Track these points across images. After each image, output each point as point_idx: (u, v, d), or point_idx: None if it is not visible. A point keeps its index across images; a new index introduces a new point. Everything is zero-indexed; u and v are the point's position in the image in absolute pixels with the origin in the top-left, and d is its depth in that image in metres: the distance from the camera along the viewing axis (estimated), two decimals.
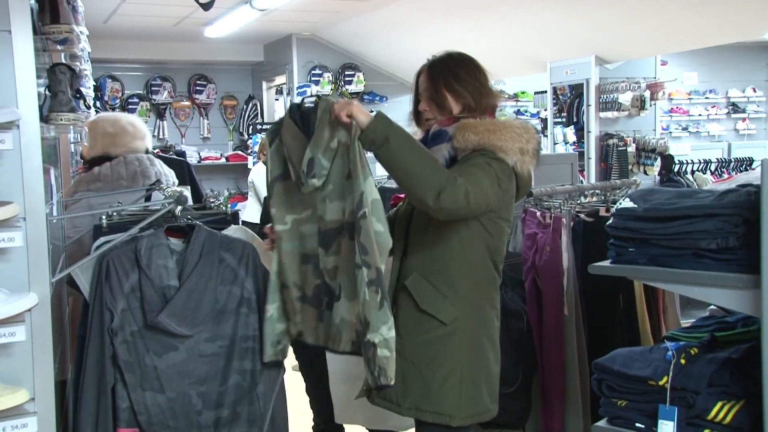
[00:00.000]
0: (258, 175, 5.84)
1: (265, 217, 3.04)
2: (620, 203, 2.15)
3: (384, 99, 8.71)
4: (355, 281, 1.93)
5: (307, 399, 3.12)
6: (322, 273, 2.04)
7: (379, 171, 4.46)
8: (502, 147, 2.03)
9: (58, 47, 2.48)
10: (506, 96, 8.96)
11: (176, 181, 3.04)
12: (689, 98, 9.92)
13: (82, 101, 2.55)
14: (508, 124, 2.09)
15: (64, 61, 2.60)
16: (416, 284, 2.09)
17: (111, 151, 2.92)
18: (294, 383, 2.74)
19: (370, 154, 1.98)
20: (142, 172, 2.88)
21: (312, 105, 2.01)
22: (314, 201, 2.03)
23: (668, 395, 1.96)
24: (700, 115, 9.95)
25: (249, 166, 8.03)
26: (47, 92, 2.22)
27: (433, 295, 2.06)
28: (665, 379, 1.97)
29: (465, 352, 2.06)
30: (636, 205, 2.05)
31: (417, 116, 2.27)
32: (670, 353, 2.02)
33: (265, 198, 2.98)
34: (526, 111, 9.27)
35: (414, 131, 2.26)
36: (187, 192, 2.90)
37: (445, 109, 2.16)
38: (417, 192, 1.91)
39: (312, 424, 3.07)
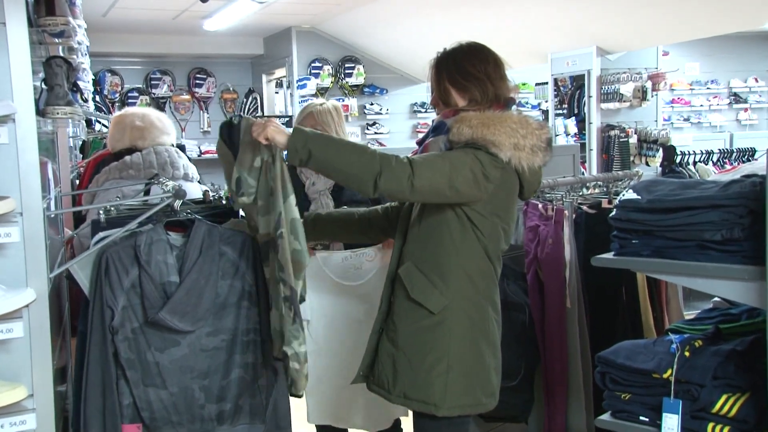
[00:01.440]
0: None
1: None
2: (623, 194, 2.14)
3: (384, 91, 8.68)
4: (277, 294, 2.02)
5: None
6: (275, 278, 2.08)
7: None
8: (494, 141, 1.99)
9: (55, 40, 2.46)
10: (517, 90, 8.92)
11: (198, 176, 3.08)
12: (691, 89, 9.87)
13: (79, 95, 2.54)
14: (505, 117, 2.04)
15: (60, 54, 2.57)
16: (408, 273, 2.10)
17: (139, 144, 2.97)
18: None
19: None
20: (172, 163, 2.93)
21: (237, 123, 2.03)
22: (252, 215, 2.09)
23: (672, 388, 1.94)
24: (701, 105, 9.91)
25: None
26: (43, 86, 2.20)
27: (423, 284, 2.06)
28: (669, 372, 1.96)
29: (453, 342, 2.05)
30: (639, 197, 2.03)
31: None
32: (674, 346, 2.01)
33: None
34: (526, 102, 9.22)
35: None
36: (198, 188, 2.89)
37: (450, 104, 2.15)
38: (358, 186, 1.95)
39: None
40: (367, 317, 2.55)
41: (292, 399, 2.24)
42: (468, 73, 2.11)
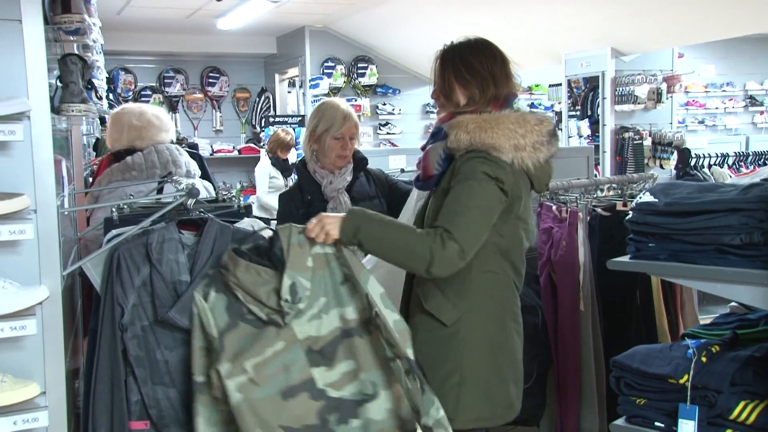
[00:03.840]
0: (258, 168, 6.36)
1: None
2: (640, 197, 2.11)
3: (397, 92, 8.66)
4: (392, 371, 1.96)
5: None
6: (324, 392, 1.96)
7: (391, 164, 4.44)
8: (494, 145, 1.93)
9: (70, 38, 2.46)
10: (521, 89, 8.87)
11: (199, 172, 3.05)
12: (706, 91, 9.78)
13: (93, 92, 2.54)
14: (502, 119, 1.97)
15: (75, 52, 2.57)
16: (423, 284, 2.06)
17: (137, 144, 2.92)
18: None
19: None
20: (173, 161, 2.90)
21: (265, 240, 1.98)
22: (290, 329, 1.94)
23: (689, 394, 1.92)
24: (717, 108, 9.82)
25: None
26: (58, 83, 2.20)
27: (437, 296, 2.02)
28: (686, 377, 1.94)
29: (467, 354, 2.00)
30: (657, 200, 2.01)
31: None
32: (690, 351, 1.98)
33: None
34: (540, 104, 9.19)
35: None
36: (200, 184, 2.89)
37: (452, 100, 2.08)
38: (411, 270, 1.99)
39: None
40: None
41: None
42: (474, 69, 2.05)
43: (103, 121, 4.95)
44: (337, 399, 1.95)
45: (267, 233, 2.01)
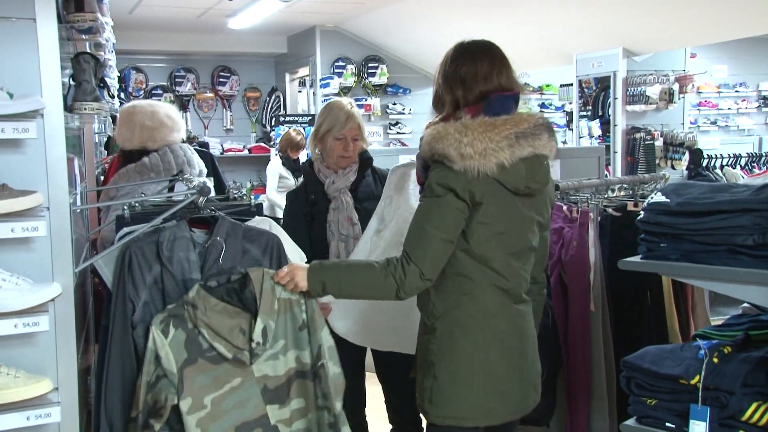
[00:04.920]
0: (269, 167, 6.49)
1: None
2: (652, 197, 2.10)
3: (407, 91, 8.66)
4: (323, 419, 2.07)
5: None
6: (276, 428, 2.02)
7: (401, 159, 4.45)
8: (445, 155, 1.94)
9: (83, 36, 2.48)
10: (531, 89, 8.84)
11: (206, 171, 3.06)
12: (718, 91, 9.72)
13: (106, 91, 2.55)
14: (447, 129, 1.95)
15: (88, 51, 2.59)
16: None
17: (149, 145, 2.90)
18: None
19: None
20: (188, 161, 2.91)
21: (233, 280, 2.00)
22: (246, 367, 1.99)
23: (700, 395, 1.91)
24: (729, 108, 9.75)
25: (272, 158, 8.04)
26: (71, 81, 2.22)
27: (424, 294, 2.08)
28: (697, 378, 1.93)
29: (441, 352, 2.03)
30: (669, 200, 2.00)
31: None
32: (702, 352, 1.97)
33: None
34: (550, 104, 9.17)
35: None
36: (210, 183, 2.90)
37: (436, 112, 2.13)
38: (385, 299, 2.05)
39: None
40: None
41: None
42: (442, 78, 2.09)
43: (115, 119, 4.98)
44: None
45: (237, 272, 2.02)
